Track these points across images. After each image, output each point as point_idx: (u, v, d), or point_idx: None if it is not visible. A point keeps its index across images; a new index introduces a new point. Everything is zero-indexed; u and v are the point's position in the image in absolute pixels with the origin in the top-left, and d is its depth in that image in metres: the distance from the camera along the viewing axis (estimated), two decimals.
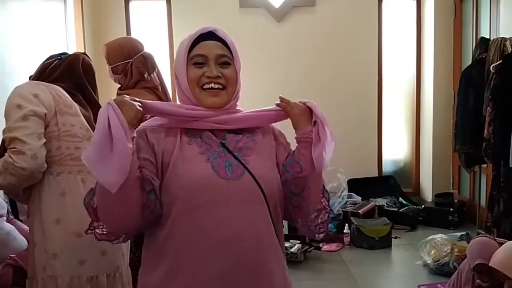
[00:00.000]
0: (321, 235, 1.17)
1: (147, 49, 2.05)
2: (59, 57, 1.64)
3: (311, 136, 1.09)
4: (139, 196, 0.99)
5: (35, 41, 2.93)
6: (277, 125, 1.21)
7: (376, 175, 4.44)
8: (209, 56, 1.09)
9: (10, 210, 1.89)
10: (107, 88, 2.76)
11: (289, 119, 1.14)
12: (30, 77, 1.64)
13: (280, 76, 4.23)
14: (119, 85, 2.01)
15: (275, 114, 1.15)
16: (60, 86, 1.56)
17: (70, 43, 3.55)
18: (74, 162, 1.50)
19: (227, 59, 1.10)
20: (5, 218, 1.79)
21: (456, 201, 3.94)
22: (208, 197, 1.03)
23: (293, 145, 1.14)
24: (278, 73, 4.23)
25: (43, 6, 3.12)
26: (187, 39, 1.12)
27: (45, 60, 1.66)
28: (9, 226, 1.77)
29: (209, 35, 1.11)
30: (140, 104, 1.03)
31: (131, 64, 1.94)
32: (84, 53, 1.72)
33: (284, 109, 1.13)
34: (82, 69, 1.63)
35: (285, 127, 1.19)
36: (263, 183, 1.06)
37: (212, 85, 1.08)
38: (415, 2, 4.41)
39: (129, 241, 1.65)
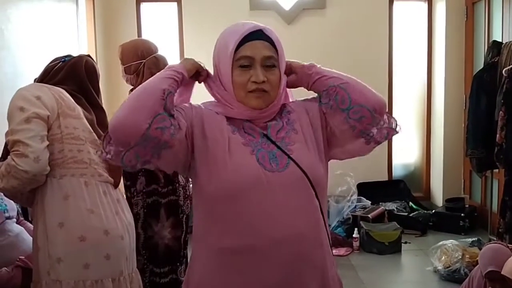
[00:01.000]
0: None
1: (159, 51, 2.10)
2: (63, 59, 1.63)
3: (317, 71, 1.21)
4: (156, 106, 0.99)
5: (47, 43, 2.94)
6: None
7: (386, 179, 4.38)
8: (256, 58, 1.05)
9: (20, 211, 1.89)
10: (118, 89, 2.77)
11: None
12: (35, 80, 1.63)
13: None
14: (131, 87, 2.04)
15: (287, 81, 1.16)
16: (63, 88, 1.55)
17: (82, 44, 3.57)
18: (77, 165, 1.49)
19: (274, 61, 1.07)
20: (15, 220, 1.79)
21: (467, 206, 3.88)
22: (256, 193, 1.02)
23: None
24: None
25: (55, 7, 3.14)
26: (232, 35, 1.07)
27: (50, 62, 1.65)
28: (18, 228, 1.77)
29: (255, 34, 1.07)
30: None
31: (144, 64, 2.00)
32: (88, 55, 1.70)
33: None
34: (85, 71, 1.62)
35: None
36: (309, 171, 1.06)
37: (257, 90, 1.07)
38: (426, 5, 4.36)
39: (134, 244, 1.65)
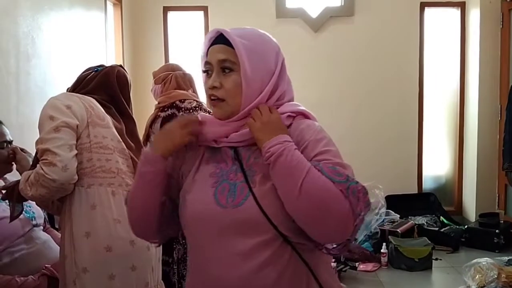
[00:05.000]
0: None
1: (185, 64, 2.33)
2: (95, 69, 1.65)
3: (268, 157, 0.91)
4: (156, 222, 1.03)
5: (76, 50, 2.99)
6: None
7: (416, 191, 4.24)
8: (213, 63, 0.98)
9: (46, 218, 1.89)
10: (144, 97, 2.82)
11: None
12: (67, 89, 1.65)
13: (317, 88, 4.15)
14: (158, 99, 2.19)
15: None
16: (93, 97, 1.56)
17: (109, 52, 3.62)
18: (104, 174, 1.49)
19: (229, 65, 0.96)
20: (41, 227, 1.80)
21: (502, 222, 3.71)
22: (203, 229, 0.95)
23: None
24: (315, 85, 4.15)
25: (84, 16, 3.18)
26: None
27: (83, 72, 1.67)
28: (46, 236, 1.77)
29: (222, 39, 0.97)
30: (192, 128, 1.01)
31: (172, 75, 2.18)
32: (120, 66, 1.71)
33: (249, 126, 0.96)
34: (117, 81, 1.63)
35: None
36: (270, 209, 0.89)
37: (212, 97, 0.98)
38: (459, 11, 4.23)
39: (160, 254, 1.64)
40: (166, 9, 4.22)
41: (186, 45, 4.23)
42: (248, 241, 0.91)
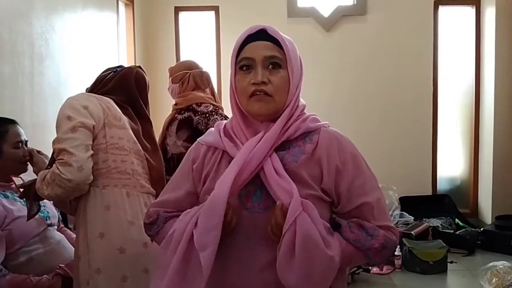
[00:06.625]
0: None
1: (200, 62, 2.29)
2: (114, 70, 1.66)
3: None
4: None
5: (89, 51, 3.00)
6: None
7: (430, 193, 4.18)
8: (256, 59, 0.96)
9: (60, 218, 1.90)
10: (156, 96, 2.83)
11: None
12: (86, 89, 1.67)
13: (329, 87, 4.12)
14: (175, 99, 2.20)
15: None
16: (111, 98, 1.57)
17: (122, 52, 3.63)
18: (119, 176, 1.49)
19: (278, 61, 0.97)
20: (56, 227, 1.81)
21: None
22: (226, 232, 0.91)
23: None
24: (327, 84, 4.12)
25: (96, 17, 3.20)
26: (237, 41, 1.01)
27: (102, 72, 1.68)
28: (60, 235, 1.78)
29: (260, 36, 0.99)
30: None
31: (190, 74, 2.16)
32: (139, 67, 1.71)
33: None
34: (135, 82, 1.63)
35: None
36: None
37: (257, 93, 0.96)
38: (474, 10, 4.16)
39: None
40: (177, 9, 4.22)
41: (198, 45, 4.23)
42: (273, 247, 0.89)
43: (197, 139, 1.10)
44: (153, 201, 1.20)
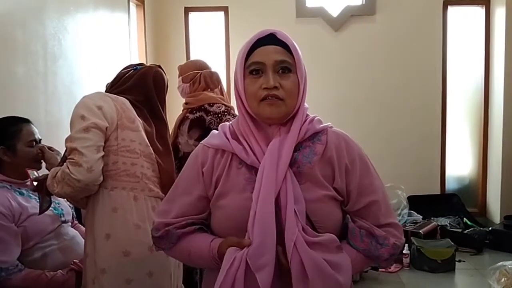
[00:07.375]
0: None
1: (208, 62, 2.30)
2: (135, 67, 1.66)
3: None
4: None
5: (101, 51, 3.04)
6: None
7: (439, 192, 4.17)
8: (267, 63, 0.97)
9: (74, 215, 1.93)
10: (167, 96, 2.83)
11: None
12: (107, 85, 1.67)
13: (338, 87, 4.13)
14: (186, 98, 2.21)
15: None
16: (127, 98, 1.57)
17: (133, 52, 3.67)
18: (128, 178, 1.49)
19: (287, 65, 0.98)
20: (70, 223, 1.83)
21: None
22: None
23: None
24: (336, 84, 4.12)
25: (108, 17, 3.23)
26: (245, 45, 1.01)
27: (123, 69, 1.68)
28: (73, 232, 1.80)
29: (268, 40, 0.99)
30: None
31: (201, 74, 2.18)
32: (159, 66, 1.71)
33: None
34: (153, 82, 1.63)
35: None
36: (316, 220, 0.93)
37: (269, 97, 0.97)
38: (483, 10, 4.14)
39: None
40: (187, 10, 4.26)
41: (207, 45, 4.26)
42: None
43: (201, 142, 1.09)
44: (157, 210, 1.17)
